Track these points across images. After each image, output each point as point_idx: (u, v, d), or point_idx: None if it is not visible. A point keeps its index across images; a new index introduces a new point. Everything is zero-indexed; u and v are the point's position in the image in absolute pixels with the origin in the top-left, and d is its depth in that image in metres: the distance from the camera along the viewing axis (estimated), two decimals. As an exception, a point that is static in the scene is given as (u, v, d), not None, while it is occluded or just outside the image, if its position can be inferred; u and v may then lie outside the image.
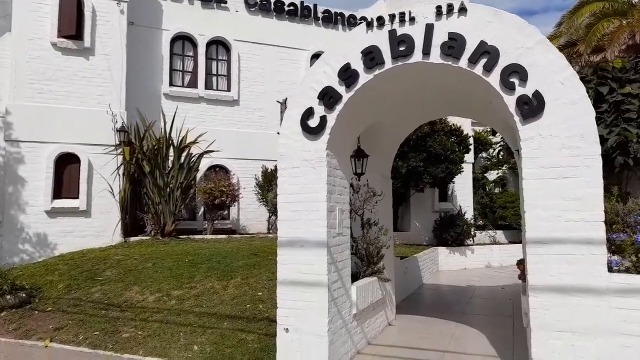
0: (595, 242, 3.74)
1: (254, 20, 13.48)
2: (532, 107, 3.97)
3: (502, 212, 14.55)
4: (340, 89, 4.74)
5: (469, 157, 13.59)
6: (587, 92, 3.92)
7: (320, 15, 14.14)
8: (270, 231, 12.22)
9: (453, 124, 12.33)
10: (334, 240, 4.88)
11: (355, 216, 5.92)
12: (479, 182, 15.47)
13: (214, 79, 13.26)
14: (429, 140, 11.29)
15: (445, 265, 12.65)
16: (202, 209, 12.10)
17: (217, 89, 13.14)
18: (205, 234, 11.20)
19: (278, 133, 5.03)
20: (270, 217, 12.23)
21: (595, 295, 3.70)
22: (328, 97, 4.76)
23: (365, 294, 5.64)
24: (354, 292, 5.31)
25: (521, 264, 5.16)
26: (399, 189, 11.64)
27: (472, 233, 13.20)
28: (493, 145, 14.47)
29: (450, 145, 11.58)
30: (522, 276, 5.08)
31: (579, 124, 3.85)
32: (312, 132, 4.80)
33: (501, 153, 13.52)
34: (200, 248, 9.22)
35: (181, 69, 13.03)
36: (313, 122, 4.82)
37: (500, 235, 14.62)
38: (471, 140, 13.04)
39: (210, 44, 13.17)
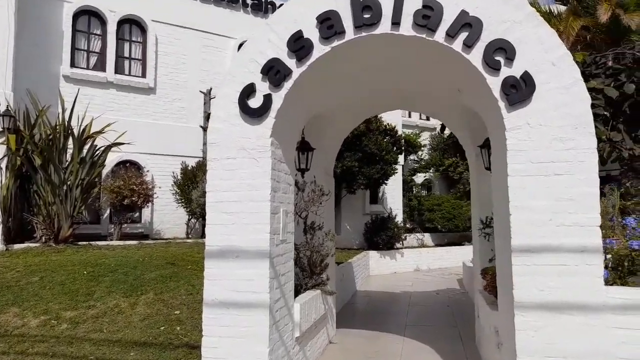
0: (590, 250, 3.21)
1: (175, 0, 12.08)
2: (520, 90, 3.38)
3: (429, 214, 14.49)
4: (290, 63, 3.84)
5: (400, 159, 13.32)
6: (578, 77, 3.39)
7: (249, 1, 13.08)
8: (190, 236, 10.92)
9: (388, 124, 11.94)
10: (277, 249, 3.96)
11: (297, 219, 5.04)
12: (407, 185, 15.33)
13: (127, 62, 11.66)
14: (365, 140, 10.74)
15: (377, 270, 12.20)
16: (108, 211, 10.46)
17: (129, 74, 11.56)
18: (112, 240, 9.63)
19: (201, 127, 4.04)
20: (189, 219, 10.93)
21: (591, 312, 3.16)
22: (274, 71, 3.84)
23: (309, 311, 4.77)
24: (297, 311, 4.42)
25: (487, 273, 4.63)
26: (332, 190, 10.97)
27: (403, 237, 12.91)
28: (422, 148, 14.40)
29: (385, 146, 11.14)
30: (489, 287, 4.55)
31: (572, 113, 3.31)
32: (254, 115, 3.85)
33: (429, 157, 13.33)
34: (103, 257, 7.75)
35: (86, 48, 11.27)
36: (255, 102, 3.86)
37: (427, 238, 14.55)
38: (403, 142, 12.76)
39: (122, 22, 11.56)
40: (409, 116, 16.70)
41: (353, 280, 9.63)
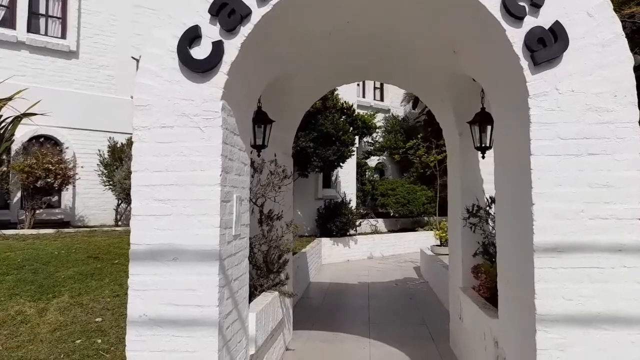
0: (629, 249, 2.57)
1: (102, -50, 10.43)
2: (549, 46, 2.64)
3: (383, 199, 13.98)
4: (249, 0, 2.87)
5: (356, 140, 12.60)
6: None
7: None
8: (119, 223, 9.61)
9: (345, 102, 11.13)
10: (229, 248, 3.03)
11: (252, 207, 4.12)
12: (360, 169, 14.69)
13: (42, 20, 9.93)
14: (321, 118, 9.87)
15: (329, 258, 11.51)
16: (19, 194, 8.90)
17: (46, 34, 9.85)
18: (23, 228, 8.16)
19: (133, 98, 2.95)
20: (119, 204, 9.59)
21: (630, 327, 2.54)
22: (228, 10, 2.85)
23: (266, 320, 3.90)
24: (252, 323, 3.53)
25: (480, 272, 3.98)
26: (283, 172, 10.02)
27: (357, 223, 12.28)
28: (377, 130, 13.77)
29: (342, 125, 10.33)
30: (482, 289, 3.90)
31: (611, 77, 2.63)
32: (199, 69, 2.85)
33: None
34: (9, 249, 6.39)
35: (-9, 0, 9.44)
36: (200, 52, 2.87)
37: (381, 223, 14.06)
38: (360, 122, 12.02)
39: (36, -29, 9.80)
40: (363, 96, 16.02)
41: (307, 271, 8.85)
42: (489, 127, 4.16)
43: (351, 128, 11.06)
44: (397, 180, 14.76)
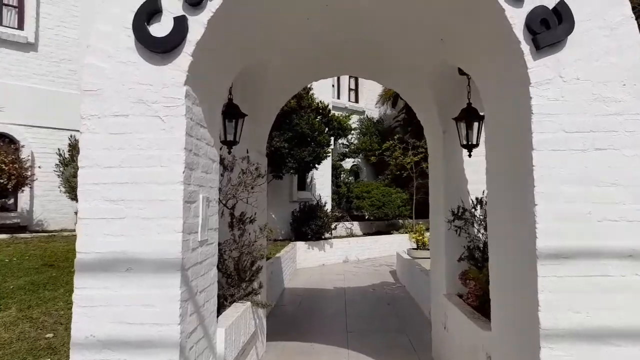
0: (640, 255, 2.33)
1: (64, -63, 9.83)
2: (553, 28, 2.39)
3: (358, 202, 13.72)
4: (217, -30, 2.51)
5: (331, 141, 12.30)
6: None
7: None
8: (81, 227, 8.97)
9: (320, 101, 10.81)
10: (194, 256, 2.65)
11: (222, 209, 3.73)
12: (335, 171, 14.40)
13: (-3, 9, 9.25)
14: (296, 118, 9.51)
15: (304, 262, 11.15)
16: (-32, 196, 8.21)
17: (0, 24, 9.17)
18: (-29, 233, 7.49)
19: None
20: (81, 207, 8.96)
21: (643, 341, 2.30)
22: (192, -19, 2.49)
23: (237, 335, 3.52)
24: (221, 340, 3.15)
25: (469, 278, 3.71)
26: (256, 174, 9.62)
27: (333, 226, 11.97)
28: (352, 131, 13.51)
29: (318, 126, 10.00)
30: (472, 297, 3.62)
31: (620, 63, 2.39)
32: (159, 48, 2.48)
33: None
34: (-49, 258, 5.79)
35: (-62, -14, 8.71)
36: (161, 29, 2.49)
37: (356, 226, 13.79)
38: (336, 123, 11.73)
39: (-10, -43, 9.12)
40: (338, 97, 15.76)
41: (281, 276, 8.47)
42: (475, 124, 3.91)
43: (327, 129, 10.76)
44: (372, 183, 14.54)
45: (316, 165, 10.91)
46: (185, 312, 2.49)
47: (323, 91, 12.33)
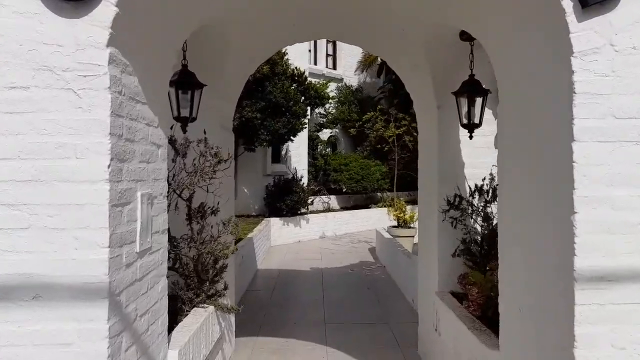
0: (701, 277, 1.84)
1: None
2: (608, -20, 1.79)
3: (335, 175, 13.18)
4: None
5: (308, 111, 11.58)
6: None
7: None
8: None
9: (296, 68, 10.03)
10: (129, 273, 2.03)
11: (177, 200, 3.09)
12: (312, 142, 13.75)
13: None
14: (269, 86, 8.75)
15: (279, 239, 10.63)
16: None
17: None
18: None
19: None
20: None
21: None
22: None
23: (196, 349, 2.96)
24: (174, 363, 2.58)
25: (469, 283, 3.21)
26: (227, 147, 8.90)
27: (310, 201, 11.43)
28: (329, 100, 12.79)
29: (293, 94, 9.27)
30: (473, 306, 3.14)
31: (688, 29, 1.82)
32: (66, -8, 1.77)
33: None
34: None
35: None
36: (68, -34, 1.77)
37: (333, 200, 13.30)
38: (313, 91, 10.98)
39: None
40: (315, 63, 14.92)
41: (254, 257, 7.93)
42: (478, 100, 3.34)
43: (303, 97, 10.04)
44: (350, 155, 13.98)
45: (292, 138, 10.24)
46: (117, 349, 1.90)
47: (299, 56, 11.52)
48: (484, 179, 3.74)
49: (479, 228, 3.74)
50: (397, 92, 7.45)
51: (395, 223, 9.63)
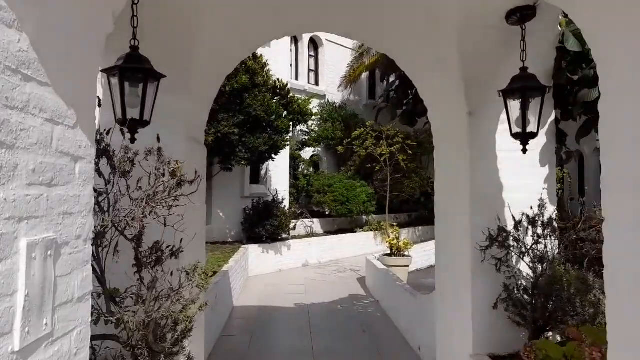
0: None
1: None
2: None
3: (319, 197, 12.26)
4: None
5: (291, 127, 10.69)
6: None
7: None
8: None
9: (278, 79, 9.19)
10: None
11: (117, 239, 2.12)
12: (294, 162, 12.83)
13: None
14: (248, 98, 7.86)
15: (258, 268, 9.58)
16: None
17: None
18: None
19: None
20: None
21: None
22: None
23: None
24: None
25: (538, 355, 2.34)
26: (200, 166, 7.91)
27: (292, 226, 10.46)
28: (313, 116, 11.97)
29: (275, 108, 8.39)
30: None
31: None
32: None
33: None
34: None
35: None
36: None
37: (316, 224, 12.35)
38: (297, 105, 10.13)
39: None
40: (296, 78, 14.12)
41: (230, 293, 6.89)
42: (534, 101, 2.51)
43: (285, 112, 9.18)
44: (334, 175, 13.11)
45: (273, 156, 9.32)
46: None
47: (280, 69, 10.72)
48: (531, 208, 2.90)
49: (527, 271, 2.88)
50: (400, 101, 6.76)
51: (388, 251, 8.75)
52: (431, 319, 4.32)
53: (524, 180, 3.01)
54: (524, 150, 2.51)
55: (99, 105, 2.18)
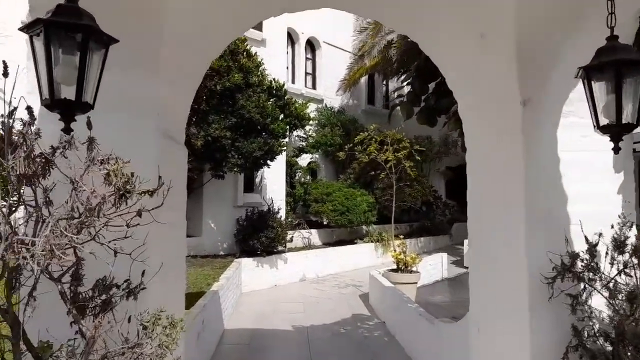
0: None
1: None
2: None
3: (317, 206, 11.56)
4: None
5: (288, 131, 9.99)
6: None
7: None
8: None
9: (274, 79, 8.51)
10: None
11: (38, 276, 1.41)
12: (291, 169, 12.13)
13: None
14: (241, 98, 7.17)
15: (251, 284, 8.83)
16: None
17: None
18: None
19: None
20: None
21: None
22: None
23: None
24: None
25: None
26: (189, 171, 7.17)
27: (289, 238, 9.73)
28: (310, 121, 11.29)
29: (271, 110, 7.71)
30: None
31: None
32: None
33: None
34: None
35: None
36: None
37: (314, 235, 11.63)
38: (294, 108, 9.44)
39: None
40: (293, 82, 13.46)
41: (220, 315, 6.15)
42: (629, 80, 1.84)
43: (282, 115, 8.49)
44: (333, 184, 12.42)
45: (268, 162, 8.61)
46: None
47: (277, 69, 10.05)
48: (612, 226, 2.22)
49: (606, 311, 2.19)
50: (417, 97, 6.12)
51: (392, 264, 8.05)
52: (457, 353, 3.63)
53: (595, 189, 2.35)
54: (616, 149, 1.84)
55: (5, 75, 1.48)
